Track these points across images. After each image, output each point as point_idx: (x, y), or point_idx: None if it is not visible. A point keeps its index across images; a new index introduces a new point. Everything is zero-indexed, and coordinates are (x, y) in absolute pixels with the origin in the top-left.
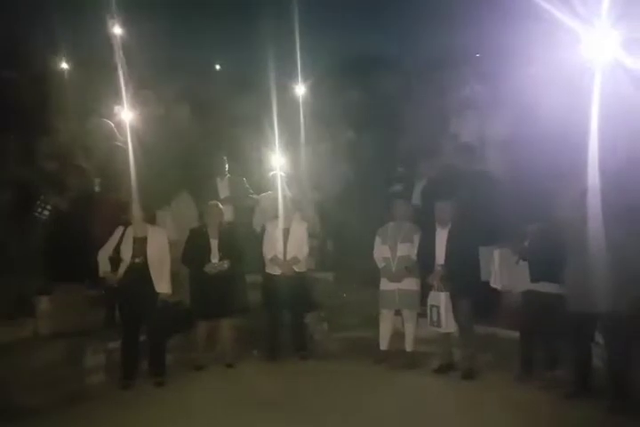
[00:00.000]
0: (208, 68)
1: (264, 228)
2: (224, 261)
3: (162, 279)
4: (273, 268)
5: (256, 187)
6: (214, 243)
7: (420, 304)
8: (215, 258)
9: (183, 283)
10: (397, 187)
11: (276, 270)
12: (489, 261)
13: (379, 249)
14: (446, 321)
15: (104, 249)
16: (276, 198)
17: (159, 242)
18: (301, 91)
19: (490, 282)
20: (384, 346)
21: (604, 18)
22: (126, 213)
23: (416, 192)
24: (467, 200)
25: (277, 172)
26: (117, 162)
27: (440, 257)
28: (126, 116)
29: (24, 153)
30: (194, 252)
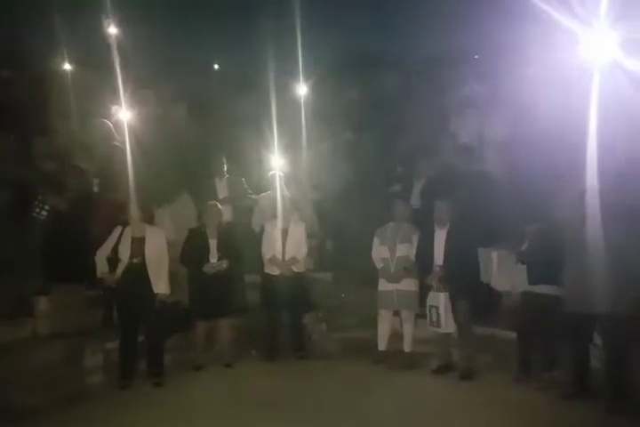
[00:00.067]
0: (207, 67)
1: (263, 228)
2: (223, 261)
3: (160, 279)
4: (272, 268)
5: (255, 187)
6: (213, 243)
7: (419, 305)
8: (214, 258)
9: (182, 283)
10: (396, 187)
11: (274, 271)
12: (487, 263)
13: (377, 250)
14: (446, 322)
15: (102, 249)
16: (275, 198)
17: (157, 242)
18: (300, 90)
19: (490, 283)
20: (382, 346)
21: (602, 19)
22: (124, 213)
23: (415, 192)
24: (465, 200)
25: (276, 172)
26: (116, 162)
27: (439, 258)
28: (124, 116)
29: (22, 153)
30: (192, 252)
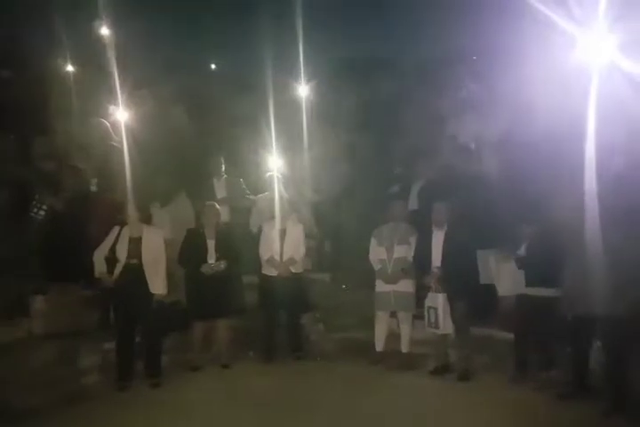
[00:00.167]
0: (206, 68)
1: (260, 229)
2: (221, 262)
3: (157, 280)
4: (269, 269)
5: (253, 188)
6: (211, 243)
7: (416, 306)
8: (212, 258)
9: (179, 283)
10: (395, 188)
11: (272, 271)
12: (486, 265)
13: (374, 251)
14: (444, 323)
15: (100, 249)
16: (273, 199)
17: (154, 242)
18: (299, 91)
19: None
20: (380, 347)
21: (600, 20)
22: (122, 213)
23: (413, 193)
24: (463, 202)
25: (274, 173)
26: (113, 162)
27: (437, 259)
28: (122, 116)
29: (20, 153)
30: (190, 252)
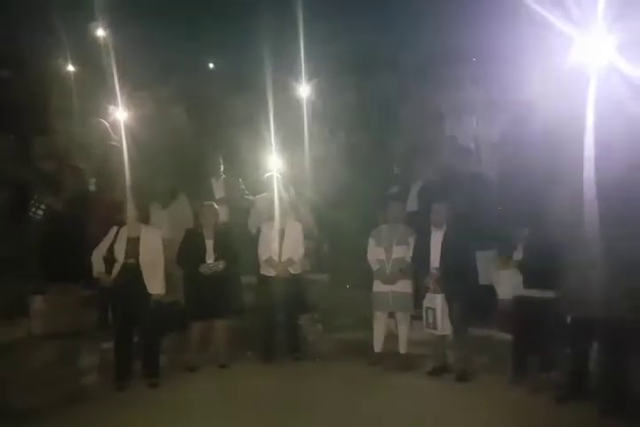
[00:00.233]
0: (205, 67)
1: (259, 229)
2: (219, 262)
3: (155, 280)
4: (268, 269)
5: (252, 188)
6: (209, 243)
7: (414, 307)
8: (210, 259)
9: (177, 283)
10: (394, 189)
11: (270, 272)
12: (485, 266)
13: (373, 251)
14: (442, 323)
15: (98, 249)
16: (272, 200)
17: (152, 242)
18: (298, 91)
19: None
20: (378, 348)
21: (599, 22)
22: (121, 213)
23: (412, 194)
24: (462, 202)
25: (273, 173)
26: (112, 162)
27: (435, 260)
28: (121, 116)
29: (19, 152)
30: (189, 252)
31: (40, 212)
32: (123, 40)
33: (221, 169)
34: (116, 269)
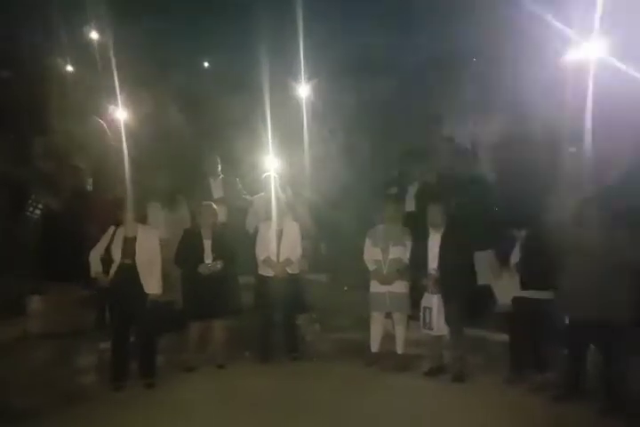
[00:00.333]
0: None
1: (257, 229)
2: (217, 262)
3: (152, 280)
4: (266, 269)
5: (249, 188)
6: (207, 243)
7: (411, 307)
8: (208, 259)
9: (175, 283)
10: (392, 189)
11: (268, 272)
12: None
13: (369, 251)
14: (438, 324)
15: (95, 249)
16: (270, 200)
17: (149, 242)
18: (297, 92)
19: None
20: (375, 348)
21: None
22: (118, 213)
23: (410, 195)
24: (460, 203)
25: (271, 173)
26: (110, 162)
27: (433, 261)
28: (120, 115)
29: (18, 152)
30: (187, 252)
31: (37, 211)
32: (121, 40)
33: (219, 169)
34: (113, 270)
